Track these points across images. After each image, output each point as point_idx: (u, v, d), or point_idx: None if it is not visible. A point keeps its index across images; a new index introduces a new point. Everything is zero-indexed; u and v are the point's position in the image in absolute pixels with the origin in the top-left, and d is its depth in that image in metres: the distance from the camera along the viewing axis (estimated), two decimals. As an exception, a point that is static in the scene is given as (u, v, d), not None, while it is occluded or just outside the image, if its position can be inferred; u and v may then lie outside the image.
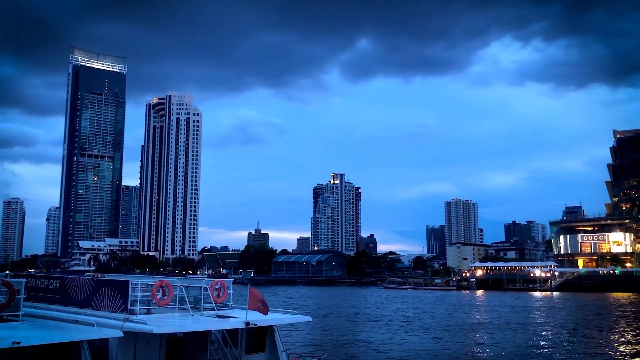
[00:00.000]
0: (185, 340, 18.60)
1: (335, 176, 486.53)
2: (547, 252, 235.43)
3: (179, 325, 17.28)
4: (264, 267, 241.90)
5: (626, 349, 41.82)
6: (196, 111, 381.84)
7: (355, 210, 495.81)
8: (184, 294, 18.67)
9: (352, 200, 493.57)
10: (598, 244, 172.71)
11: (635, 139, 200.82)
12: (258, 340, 19.47)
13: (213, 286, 19.48)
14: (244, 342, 19.26)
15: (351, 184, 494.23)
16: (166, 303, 18.04)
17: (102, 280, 19.42)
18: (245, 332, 19.04)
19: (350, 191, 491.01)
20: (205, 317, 18.25)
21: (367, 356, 38.70)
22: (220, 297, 19.58)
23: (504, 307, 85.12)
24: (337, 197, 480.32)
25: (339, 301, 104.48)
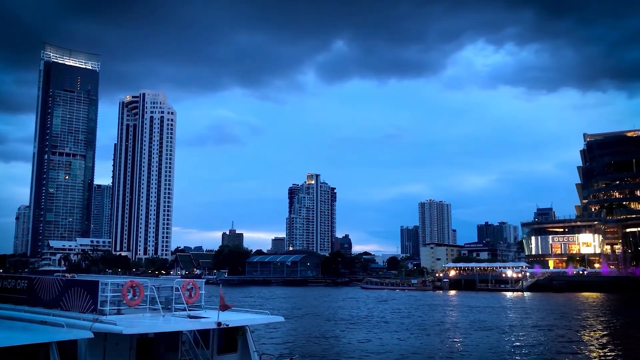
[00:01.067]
0: (156, 341, 18.42)
1: (311, 176, 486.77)
2: (519, 253, 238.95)
3: (149, 325, 17.09)
4: (238, 268, 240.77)
5: (597, 347, 42.69)
6: (170, 110, 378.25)
7: (331, 211, 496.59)
8: (155, 294, 18.48)
9: (328, 201, 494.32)
10: (568, 245, 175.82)
11: (604, 142, 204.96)
12: (230, 341, 19.36)
13: (185, 286, 19.32)
14: (216, 343, 19.14)
15: (327, 184, 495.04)
16: (137, 303, 17.83)
17: (71, 281, 19.10)
18: (217, 333, 18.91)
19: (325, 191, 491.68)
20: (176, 317, 18.09)
21: (341, 356, 38.78)
22: (192, 297, 19.43)
23: (478, 307, 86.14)
24: (313, 197, 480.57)
25: (313, 301, 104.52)
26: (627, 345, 44.08)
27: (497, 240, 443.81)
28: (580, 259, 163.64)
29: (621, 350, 40.97)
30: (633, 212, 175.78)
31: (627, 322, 64.51)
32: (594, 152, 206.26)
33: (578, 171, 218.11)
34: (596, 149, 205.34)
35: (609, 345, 43.56)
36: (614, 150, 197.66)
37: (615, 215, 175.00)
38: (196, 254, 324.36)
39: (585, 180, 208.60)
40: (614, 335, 50.10)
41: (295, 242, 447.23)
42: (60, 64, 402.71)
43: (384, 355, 38.87)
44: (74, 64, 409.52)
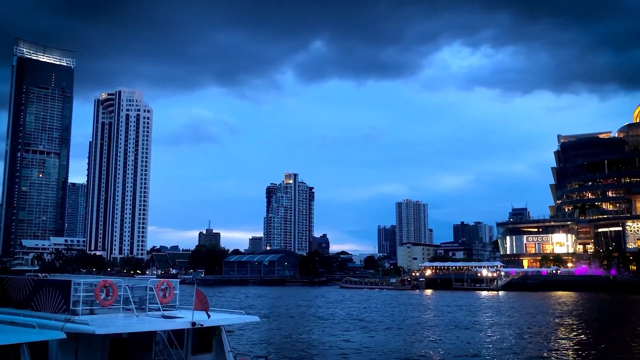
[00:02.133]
0: (129, 341, 18.26)
1: (289, 176, 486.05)
2: (494, 253, 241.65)
3: (122, 325, 16.95)
4: (215, 267, 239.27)
5: (568, 345, 43.44)
6: (147, 108, 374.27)
7: (309, 210, 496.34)
8: (128, 294, 18.35)
9: (306, 200, 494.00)
10: (542, 244, 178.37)
11: (577, 144, 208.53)
12: (204, 341, 19.29)
13: (159, 286, 19.20)
14: (190, 343, 19.04)
15: (305, 184, 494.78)
16: (110, 303, 17.69)
17: (43, 280, 18.86)
18: (192, 333, 18.83)
19: (303, 191, 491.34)
20: (150, 317, 17.97)
21: (318, 356, 38.84)
22: (167, 297, 19.32)
23: (455, 306, 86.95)
24: (291, 197, 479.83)
25: (291, 301, 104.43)
26: (597, 342, 44.95)
27: (472, 239, 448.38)
28: (553, 258, 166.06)
29: (591, 348, 41.76)
30: (604, 213, 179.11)
31: (598, 320, 65.75)
32: (567, 154, 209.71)
33: (552, 172, 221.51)
34: (570, 151, 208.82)
35: (580, 344, 44.37)
36: (586, 151, 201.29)
37: (588, 215, 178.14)
38: (172, 253, 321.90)
39: (559, 181, 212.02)
40: (585, 333, 51.04)
41: (273, 241, 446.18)
42: (33, 60, 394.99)
43: (362, 355, 39.03)
44: (48, 61, 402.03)
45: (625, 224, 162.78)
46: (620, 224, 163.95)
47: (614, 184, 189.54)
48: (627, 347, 42.26)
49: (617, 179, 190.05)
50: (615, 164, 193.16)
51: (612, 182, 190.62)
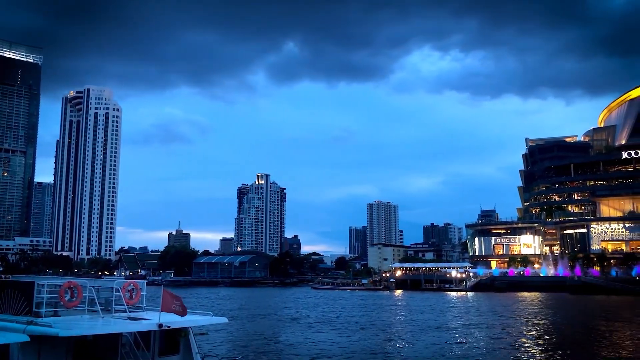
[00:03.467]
0: (94, 344, 17.94)
1: (261, 176, 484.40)
2: (463, 254, 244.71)
3: (87, 327, 16.64)
4: (184, 269, 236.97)
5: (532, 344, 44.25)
6: (116, 106, 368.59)
7: (280, 211, 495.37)
8: (94, 295, 18.05)
9: (277, 201, 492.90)
10: (510, 246, 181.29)
11: (545, 147, 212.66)
12: (172, 343, 19.07)
13: (125, 287, 18.93)
14: (157, 345, 18.81)
15: (276, 184, 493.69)
16: (75, 305, 17.37)
17: (5, 282, 18.45)
18: (159, 334, 18.61)
19: (275, 192, 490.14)
20: (116, 319, 17.72)
21: (288, 357, 38.78)
22: (133, 298, 19.07)
23: (426, 306, 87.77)
24: (262, 197, 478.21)
25: (261, 302, 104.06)
26: (561, 342, 45.89)
27: (442, 241, 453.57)
28: (521, 259, 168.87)
29: (555, 348, 42.62)
30: (570, 215, 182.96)
31: (562, 320, 67.14)
32: (535, 157, 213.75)
33: (520, 174, 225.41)
34: (537, 154, 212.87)
35: (544, 344, 45.24)
36: (553, 155, 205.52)
37: (554, 217, 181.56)
38: (141, 254, 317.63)
39: (527, 183, 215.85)
40: (550, 334, 52.05)
41: (244, 242, 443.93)
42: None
43: (333, 356, 39.09)
44: (14, 57, 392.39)
45: (589, 226, 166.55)
46: (585, 226, 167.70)
47: (580, 186, 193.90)
48: (589, 346, 43.25)
49: (582, 182, 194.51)
50: (580, 167, 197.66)
51: (577, 185, 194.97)
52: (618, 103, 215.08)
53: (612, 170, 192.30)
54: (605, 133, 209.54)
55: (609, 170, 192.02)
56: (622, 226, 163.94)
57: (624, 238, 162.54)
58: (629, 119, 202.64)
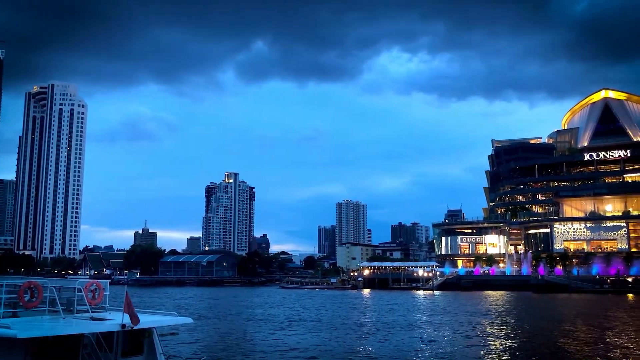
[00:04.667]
0: (55, 345, 17.55)
1: (229, 175, 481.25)
2: (430, 253, 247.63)
3: (47, 328, 16.26)
4: (151, 268, 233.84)
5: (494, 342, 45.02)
6: (81, 103, 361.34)
7: (249, 210, 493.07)
8: (55, 295, 17.66)
9: (246, 200, 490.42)
10: (476, 245, 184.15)
11: (510, 148, 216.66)
12: (135, 343, 18.77)
13: (88, 287, 18.55)
14: (120, 346, 18.50)
15: (245, 183, 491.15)
16: (34, 305, 16.97)
17: (-39, 282, 17.86)
18: (122, 335, 18.31)
19: (244, 191, 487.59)
20: (77, 319, 17.35)
21: (256, 357, 38.62)
22: (96, 298, 18.70)
23: (394, 304, 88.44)
24: (231, 196, 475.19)
25: (228, 302, 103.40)
26: (523, 339, 46.82)
27: (409, 240, 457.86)
28: (486, 258, 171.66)
29: (518, 344, 43.49)
30: (534, 215, 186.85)
31: (526, 318, 68.48)
32: (500, 158, 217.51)
33: (486, 175, 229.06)
34: (503, 155, 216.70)
35: (509, 341, 46.09)
36: (518, 156, 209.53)
37: (519, 217, 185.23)
38: (106, 253, 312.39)
39: (493, 184, 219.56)
40: (514, 331, 53.04)
41: (212, 241, 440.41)
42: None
43: (299, 354, 39.08)
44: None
45: (553, 226, 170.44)
46: (548, 226, 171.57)
47: (543, 187, 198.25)
48: (551, 343, 44.22)
49: (546, 183, 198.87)
50: (544, 168, 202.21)
51: (541, 186, 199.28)
52: (581, 106, 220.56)
53: (575, 171, 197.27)
54: (569, 135, 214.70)
55: (571, 172, 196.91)
56: (583, 226, 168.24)
57: (585, 238, 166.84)
58: (591, 122, 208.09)
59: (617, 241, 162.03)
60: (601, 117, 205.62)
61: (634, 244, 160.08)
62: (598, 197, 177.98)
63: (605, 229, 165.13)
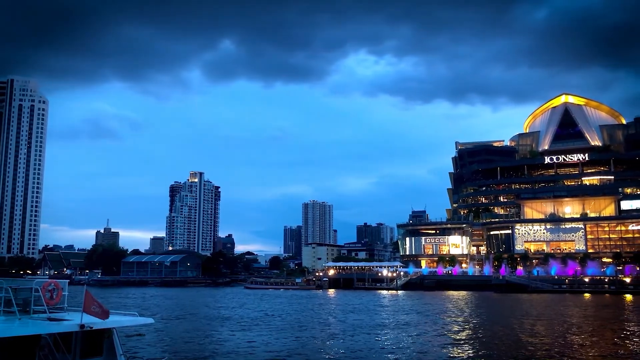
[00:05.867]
0: (10, 346, 17.15)
1: (194, 174, 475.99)
2: (395, 253, 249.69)
3: (2, 329, 15.88)
4: (113, 268, 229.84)
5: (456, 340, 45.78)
6: (42, 99, 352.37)
7: (214, 210, 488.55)
8: (10, 295, 17.26)
9: (211, 200, 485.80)
10: (439, 246, 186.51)
11: (473, 151, 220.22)
12: (94, 344, 18.48)
13: (45, 287, 18.17)
14: (79, 347, 18.18)
15: (211, 182, 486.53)
16: (-11, 306, 16.59)
17: None
18: (80, 336, 18.00)
19: (209, 190, 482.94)
20: (34, 320, 17.00)
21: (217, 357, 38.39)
22: (54, 299, 18.33)
23: (357, 304, 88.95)
24: (196, 195, 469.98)
25: (191, 302, 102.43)
26: (481, 337, 47.74)
27: (374, 240, 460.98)
28: (449, 259, 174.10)
29: (473, 342, 44.33)
30: (496, 217, 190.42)
31: (485, 317, 69.82)
32: (464, 160, 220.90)
33: (450, 177, 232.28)
34: (466, 157, 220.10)
35: (467, 340, 46.92)
36: (481, 158, 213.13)
37: (481, 219, 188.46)
38: (67, 253, 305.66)
39: (456, 185, 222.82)
40: (475, 330, 54.00)
41: (176, 241, 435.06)
42: None
43: (262, 355, 39.02)
44: None
45: (514, 227, 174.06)
46: (510, 227, 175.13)
47: (505, 189, 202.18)
48: (508, 342, 45.19)
49: (508, 185, 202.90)
50: (507, 171, 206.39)
51: (503, 188, 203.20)
52: (542, 110, 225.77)
53: (536, 174, 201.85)
54: (530, 139, 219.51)
55: (532, 174, 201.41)
56: (543, 228, 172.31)
57: (545, 239, 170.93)
58: (552, 126, 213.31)
59: (575, 242, 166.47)
60: (561, 122, 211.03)
61: (591, 245, 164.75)
62: (557, 200, 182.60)
63: (564, 231, 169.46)
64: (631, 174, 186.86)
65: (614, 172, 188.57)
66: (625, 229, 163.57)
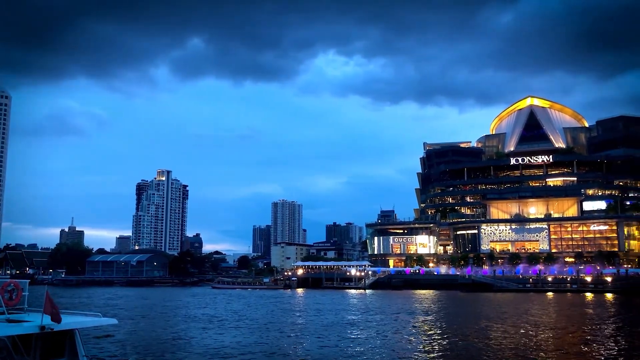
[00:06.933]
0: None
1: (162, 173, 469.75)
2: (363, 252, 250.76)
3: None
4: (77, 268, 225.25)
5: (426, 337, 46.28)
6: (4, 94, 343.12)
7: (182, 209, 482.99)
8: None
9: (179, 198, 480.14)
10: (407, 245, 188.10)
11: (441, 152, 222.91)
12: (56, 346, 18.07)
13: (4, 287, 17.70)
14: (39, 349, 17.76)
15: (178, 181, 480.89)
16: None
17: None
18: (41, 338, 17.58)
19: (177, 189, 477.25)
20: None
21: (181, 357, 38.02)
22: (13, 299, 17.87)
23: (322, 304, 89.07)
24: (163, 194, 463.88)
25: (158, 302, 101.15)
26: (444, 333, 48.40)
27: (344, 239, 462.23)
28: (417, 258, 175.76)
29: (439, 339, 44.90)
30: (463, 217, 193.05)
31: (451, 315, 70.78)
32: (432, 160, 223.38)
33: (417, 177, 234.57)
34: (434, 157, 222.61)
35: (433, 337, 47.48)
36: (449, 159, 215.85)
37: (448, 218, 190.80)
38: (29, 251, 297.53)
39: (424, 185, 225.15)
40: (440, 328, 54.67)
41: (142, 240, 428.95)
42: None
43: (227, 355, 38.78)
44: None
45: (480, 227, 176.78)
46: (476, 227, 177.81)
47: (472, 190, 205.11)
48: (473, 338, 45.90)
49: (474, 186, 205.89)
50: (473, 172, 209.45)
51: (470, 188, 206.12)
52: (508, 112, 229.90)
53: (502, 175, 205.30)
54: (496, 140, 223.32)
55: (498, 175, 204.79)
56: (509, 228, 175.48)
57: (510, 239, 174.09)
58: (517, 128, 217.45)
59: (540, 242, 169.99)
60: (527, 124, 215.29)
61: (554, 245, 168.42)
62: (523, 200, 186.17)
63: (528, 231, 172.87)
64: (593, 176, 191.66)
65: (577, 174, 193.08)
66: (587, 229, 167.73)
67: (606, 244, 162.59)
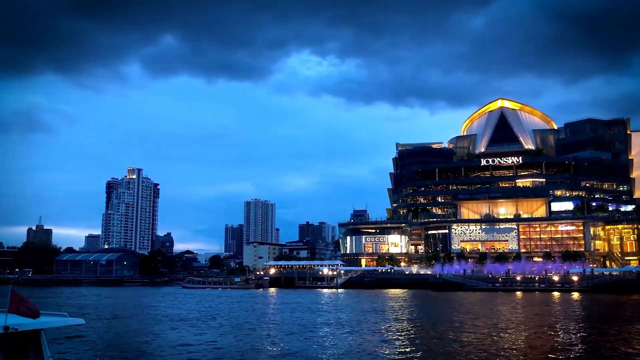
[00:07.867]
0: None
1: (132, 171, 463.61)
2: (336, 252, 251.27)
3: None
4: (45, 267, 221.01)
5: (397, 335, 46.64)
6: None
7: (153, 207, 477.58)
8: None
9: (150, 197, 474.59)
10: (379, 245, 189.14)
11: (413, 152, 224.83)
12: (20, 347, 17.73)
13: (-33, 287, 17.32)
14: (3, 349, 17.40)
15: (149, 179, 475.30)
16: None
17: None
18: (5, 338, 17.23)
19: (147, 187, 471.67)
20: None
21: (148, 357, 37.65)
22: (-24, 299, 17.49)
23: (293, 303, 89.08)
24: (133, 192, 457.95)
25: (127, 302, 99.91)
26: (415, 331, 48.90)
27: (316, 239, 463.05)
28: (389, 258, 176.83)
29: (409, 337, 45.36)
30: (434, 216, 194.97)
31: (423, 314, 71.49)
32: (404, 161, 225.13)
33: (390, 177, 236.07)
34: (406, 158, 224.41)
35: (403, 335, 47.91)
36: (420, 159, 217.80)
37: (420, 218, 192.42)
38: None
39: (396, 185, 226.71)
40: (410, 327, 55.19)
41: (112, 239, 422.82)
42: None
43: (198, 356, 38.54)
44: None
45: (451, 227, 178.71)
46: (447, 227, 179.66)
47: (443, 190, 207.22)
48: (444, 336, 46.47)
49: (445, 186, 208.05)
50: (444, 172, 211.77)
51: (441, 189, 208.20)
52: (479, 114, 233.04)
53: (472, 175, 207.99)
54: (467, 141, 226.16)
55: (469, 176, 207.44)
56: (479, 228, 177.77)
57: (480, 239, 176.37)
58: (488, 129, 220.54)
59: (509, 242, 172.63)
60: (497, 125, 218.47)
61: (523, 245, 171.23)
62: (493, 201, 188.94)
63: (498, 231, 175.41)
64: (561, 177, 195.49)
65: (546, 175, 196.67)
66: (555, 229, 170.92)
67: (573, 244, 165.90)
